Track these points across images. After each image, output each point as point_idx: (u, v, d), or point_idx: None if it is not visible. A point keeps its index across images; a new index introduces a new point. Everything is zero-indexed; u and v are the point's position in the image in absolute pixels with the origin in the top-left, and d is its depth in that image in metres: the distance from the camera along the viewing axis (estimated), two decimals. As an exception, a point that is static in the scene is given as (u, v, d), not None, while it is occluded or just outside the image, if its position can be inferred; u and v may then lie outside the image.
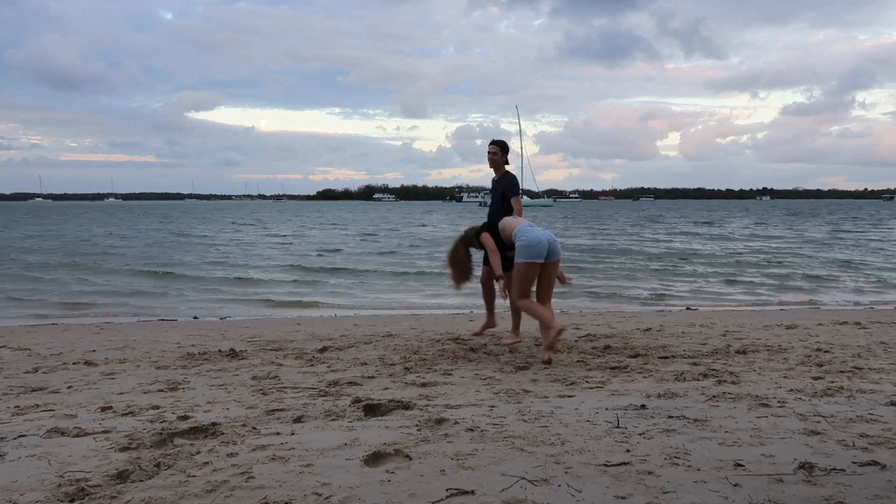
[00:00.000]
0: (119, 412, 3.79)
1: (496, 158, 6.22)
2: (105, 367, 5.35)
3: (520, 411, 3.61)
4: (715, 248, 24.38)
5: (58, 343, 6.69)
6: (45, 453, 2.94)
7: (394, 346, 6.15)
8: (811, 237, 30.26)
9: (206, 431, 3.25)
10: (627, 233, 35.24)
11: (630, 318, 8.19)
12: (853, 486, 2.52)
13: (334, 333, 7.08)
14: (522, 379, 4.63)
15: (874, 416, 3.48)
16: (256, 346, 6.26)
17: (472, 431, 3.21)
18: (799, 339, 6.36)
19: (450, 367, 5.08)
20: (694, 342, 6.17)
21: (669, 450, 2.93)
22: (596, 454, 2.87)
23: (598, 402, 3.86)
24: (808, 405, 3.74)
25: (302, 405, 3.84)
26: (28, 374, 5.11)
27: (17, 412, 3.85)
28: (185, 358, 5.66)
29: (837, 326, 7.22)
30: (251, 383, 4.61)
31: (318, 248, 24.33)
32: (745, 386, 4.28)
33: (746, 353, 5.58)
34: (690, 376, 4.61)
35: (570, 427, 3.29)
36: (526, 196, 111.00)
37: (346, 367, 5.16)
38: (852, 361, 5.15)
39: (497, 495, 2.42)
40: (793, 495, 2.44)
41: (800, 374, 4.70)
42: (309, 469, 2.69)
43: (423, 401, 3.92)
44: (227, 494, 2.45)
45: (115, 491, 2.50)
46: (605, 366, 5.06)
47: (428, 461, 2.78)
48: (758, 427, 3.29)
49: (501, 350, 5.81)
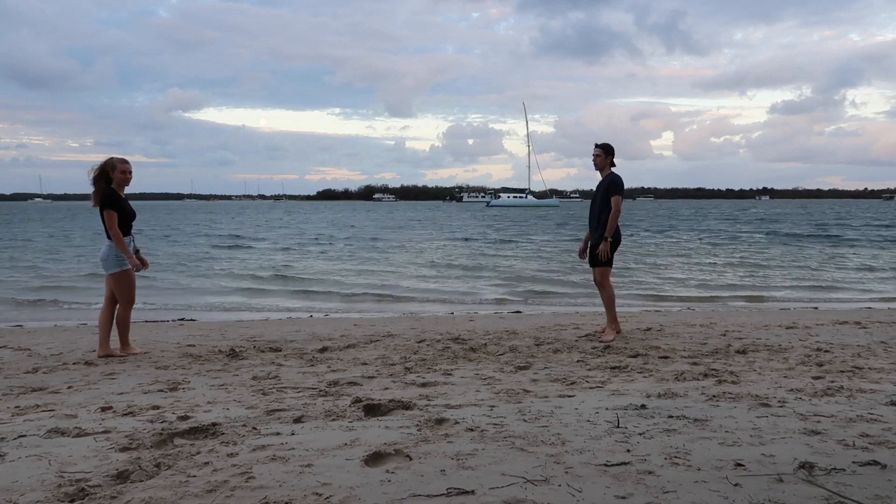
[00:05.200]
0: (119, 412, 3.79)
1: (598, 160, 6.40)
2: (105, 367, 5.35)
3: (520, 411, 3.60)
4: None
5: (58, 343, 6.69)
6: (45, 453, 2.94)
7: (394, 346, 6.16)
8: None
9: (207, 431, 3.25)
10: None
11: (630, 319, 8.18)
12: (853, 486, 2.52)
13: (334, 333, 7.08)
14: (522, 379, 4.63)
15: (874, 416, 3.48)
16: (257, 346, 6.26)
17: (472, 431, 3.21)
18: (799, 338, 6.36)
19: (450, 367, 5.08)
20: (694, 342, 6.17)
21: (669, 450, 2.93)
22: (596, 454, 2.87)
23: (599, 402, 3.86)
24: (808, 405, 3.74)
25: (302, 405, 3.84)
26: (28, 374, 5.12)
27: (17, 412, 3.85)
28: (185, 358, 5.66)
29: (837, 326, 7.22)
30: (251, 383, 4.61)
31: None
32: (746, 386, 4.28)
33: (746, 352, 5.58)
34: (690, 376, 4.61)
35: (570, 427, 3.29)
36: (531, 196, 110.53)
37: (347, 367, 5.16)
38: (852, 361, 5.15)
39: (497, 495, 2.43)
40: (793, 495, 2.44)
41: (800, 374, 4.70)
42: (309, 469, 2.69)
43: (423, 401, 3.91)
44: (228, 494, 2.45)
45: (116, 491, 2.50)
46: (605, 366, 5.06)
47: (428, 461, 2.78)
48: (758, 427, 3.29)
49: (501, 350, 5.81)
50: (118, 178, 5.70)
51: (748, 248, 24.55)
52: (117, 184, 5.72)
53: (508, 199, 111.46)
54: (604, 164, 6.40)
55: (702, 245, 26.52)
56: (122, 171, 5.72)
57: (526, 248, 25.45)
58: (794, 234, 33.48)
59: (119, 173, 5.70)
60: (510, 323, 8.01)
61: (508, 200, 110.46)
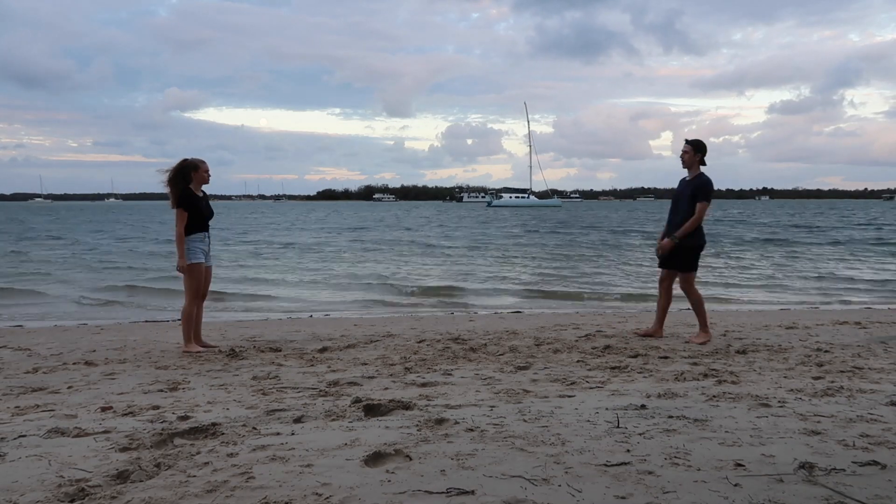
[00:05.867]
0: (119, 412, 3.79)
1: (686, 158, 6.06)
2: (105, 367, 5.35)
3: (520, 411, 3.60)
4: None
5: (58, 343, 6.69)
6: (45, 453, 2.94)
7: (394, 346, 6.15)
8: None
9: (207, 431, 3.26)
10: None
11: (630, 318, 8.19)
12: (853, 486, 2.52)
13: (334, 333, 7.08)
14: (522, 379, 4.63)
15: (874, 416, 3.48)
16: (256, 346, 6.26)
17: (472, 431, 3.21)
18: (799, 338, 6.35)
19: (450, 368, 5.08)
20: (694, 342, 6.16)
21: (669, 450, 2.93)
22: (596, 454, 2.87)
23: (598, 402, 3.86)
24: (808, 405, 3.74)
25: (302, 405, 3.84)
26: (28, 374, 5.11)
27: (17, 412, 3.85)
28: (186, 358, 5.66)
29: (837, 326, 7.22)
30: (251, 383, 4.61)
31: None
32: (745, 386, 4.28)
33: (746, 353, 5.58)
34: (690, 376, 4.61)
35: (570, 427, 3.29)
36: (534, 196, 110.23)
37: (347, 367, 5.16)
38: (852, 361, 5.15)
39: (497, 495, 2.43)
40: (793, 495, 2.44)
41: (800, 374, 4.70)
42: (309, 469, 2.69)
43: (423, 401, 3.91)
44: (228, 494, 2.45)
45: (115, 491, 2.50)
46: (605, 366, 5.06)
47: (428, 461, 2.79)
48: (758, 427, 3.29)
49: (501, 350, 5.81)
50: (200, 178, 5.99)
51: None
52: (197, 183, 5.98)
53: (511, 200, 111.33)
54: (692, 161, 6.02)
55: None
56: (206, 171, 6.03)
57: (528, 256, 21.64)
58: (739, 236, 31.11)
59: (203, 173, 6.00)
60: (510, 323, 8.01)
61: (511, 201, 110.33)
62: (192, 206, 5.85)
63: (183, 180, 5.89)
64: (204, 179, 6.02)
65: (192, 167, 5.93)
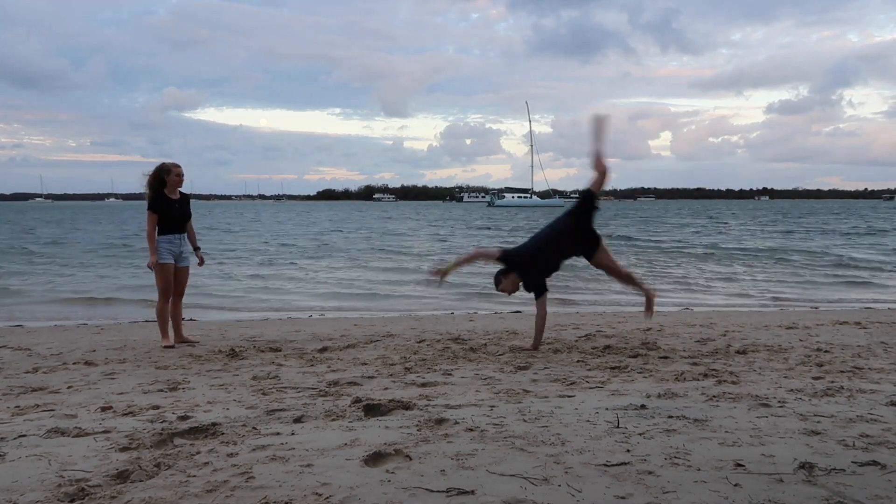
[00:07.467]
0: (119, 412, 3.79)
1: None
2: (105, 367, 5.35)
3: (520, 411, 3.61)
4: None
5: (58, 343, 6.69)
6: (45, 453, 2.94)
7: (394, 346, 6.16)
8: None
9: (207, 431, 3.26)
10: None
11: (630, 318, 8.18)
12: (853, 486, 2.52)
13: (334, 333, 7.08)
14: (522, 379, 4.63)
15: (874, 416, 3.48)
16: (257, 346, 6.26)
17: (472, 431, 3.21)
18: (799, 339, 6.35)
19: (450, 367, 5.08)
20: (694, 342, 6.17)
21: (669, 450, 2.93)
22: (596, 454, 2.87)
23: (598, 402, 3.86)
24: (808, 405, 3.74)
25: (302, 405, 3.84)
26: (28, 374, 5.11)
27: (17, 412, 3.85)
28: (185, 358, 5.66)
29: (837, 326, 7.22)
30: (251, 383, 4.61)
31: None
32: (745, 386, 4.28)
33: (746, 353, 5.58)
34: (690, 376, 4.61)
35: (570, 427, 3.29)
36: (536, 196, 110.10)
37: (346, 367, 5.16)
38: (852, 361, 5.15)
39: (497, 495, 2.43)
40: (793, 495, 2.44)
41: (800, 374, 4.70)
42: (309, 469, 2.69)
43: (423, 401, 3.91)
44: (228, 494, 2.45)
45: (115, 491, 2.50)
46: (605, 366, 5.06)
47: (428, 461, 2.79)
48: (758, 427, 3.29)
49: (501, 350, 5.82)
50: (173, 181, 6.26)
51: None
52: (171, 186, 6.25)
53: (513, 199, 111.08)
54: None
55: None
56: (177, 175, 6.30)
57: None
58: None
59: (174, 176, 6.27)
60: (510, 323, 8.01)
61: (513, 200, 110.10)
62: (160, 209, 6.15)
63: (158, 184, 6.21)
64: (177, 182, 6.28)
65: (165, 171, 6.23)
